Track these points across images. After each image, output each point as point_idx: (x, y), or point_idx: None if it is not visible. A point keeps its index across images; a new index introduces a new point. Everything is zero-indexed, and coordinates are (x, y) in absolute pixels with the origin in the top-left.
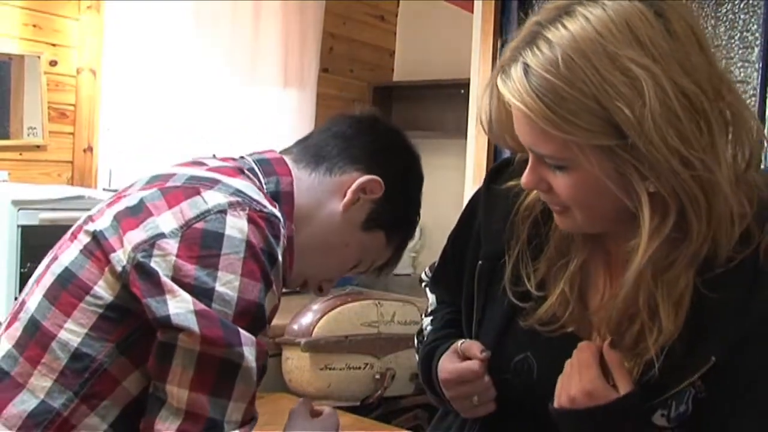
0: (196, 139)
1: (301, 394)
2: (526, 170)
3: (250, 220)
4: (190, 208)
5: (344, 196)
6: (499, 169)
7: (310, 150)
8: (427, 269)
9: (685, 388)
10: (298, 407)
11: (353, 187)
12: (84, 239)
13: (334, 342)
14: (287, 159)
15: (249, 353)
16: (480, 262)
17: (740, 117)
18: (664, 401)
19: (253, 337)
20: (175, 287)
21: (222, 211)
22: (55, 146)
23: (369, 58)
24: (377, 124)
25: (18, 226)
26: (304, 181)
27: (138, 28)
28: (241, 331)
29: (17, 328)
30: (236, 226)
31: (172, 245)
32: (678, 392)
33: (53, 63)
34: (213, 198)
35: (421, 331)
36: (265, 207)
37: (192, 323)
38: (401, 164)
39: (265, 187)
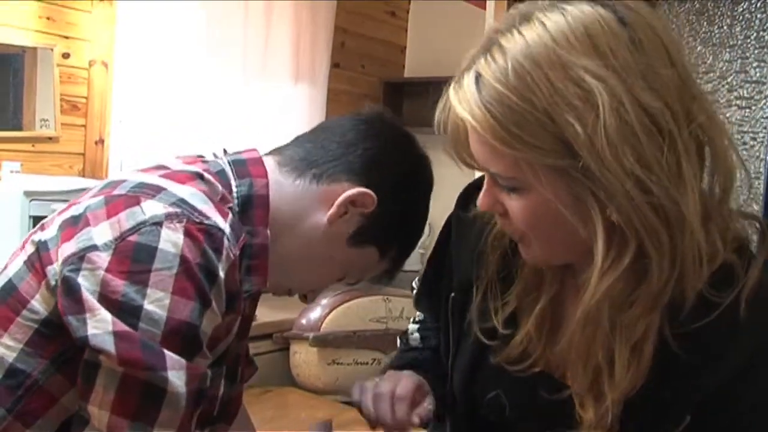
0: (207, 133)
1: (308, 388)
2: (482, 191)
3: (187, 233)
4: (126, 219)
5: (330, 207)
6: (468, 193)
7: (300, 152)
8: (415, 281)
9: None
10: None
11: (340, 199)
12: (29, 249)
13: (342, 337)
14: (270, 160)
15: (175, 378)
16: (452, 294)
17: (715, 143)
18: None
19: (183, 360)
20: (96, 305)
21: (157, 223)
22: (67, 138)
23: (380, 54)
24: (384, 128)
25: (30, 216)
26: (287, 186)
27: (150, 22)
28: (168, 353)
29: None
30: (170, 240)
31: (102, 258)
32: None
33: (66, 55)
34: (151, 208)
35: (405, 332)
36: (207, 218)
37: (109, 345)
38: (404, 174)
39: (235, 190)
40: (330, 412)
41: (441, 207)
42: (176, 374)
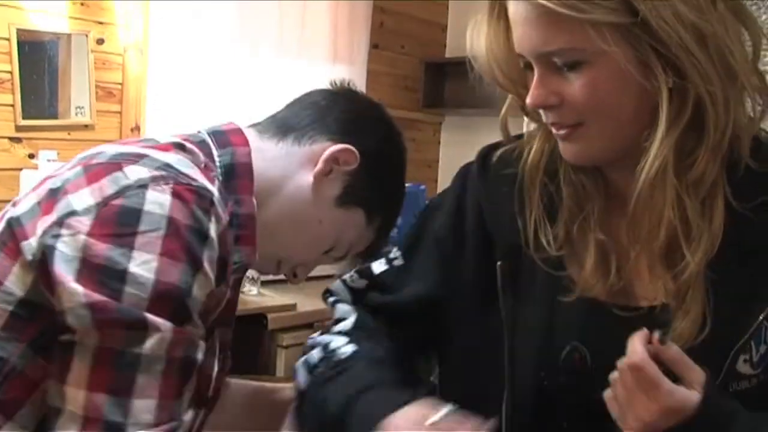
0: (243, 117)
1: None
2: (532, 87)
3: (174, 194)
4: (109, 185)
5: (315, 166)
6: (486, 155)
7: (278, 121)
8: (340, 284)
9: (759, 325)
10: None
11: (325, 155)
12: None
13: None
14: (249, 130)
15: (154, 341)
16: (498, 263)
17: (745, 16)
18: (743, 345)
19: (168, 324)
20: (66, 277)
21: (143, 186)
22: (102, 125)
23: (420, 34)
24: (354, 95)
25: None
26: (269, 151)
27: (184, 5)
28: (149, 316)
29: None
30: (156, 201)
31: (83, 222)
32: (754, 331)
33: (100, 41)
34: (135, 173)
35: (327, 348)
36: (194, 180)
37: (85, 313)
38: (380, 136)
39: (218, 159)
40: None
41: None
42: (157, 336)
